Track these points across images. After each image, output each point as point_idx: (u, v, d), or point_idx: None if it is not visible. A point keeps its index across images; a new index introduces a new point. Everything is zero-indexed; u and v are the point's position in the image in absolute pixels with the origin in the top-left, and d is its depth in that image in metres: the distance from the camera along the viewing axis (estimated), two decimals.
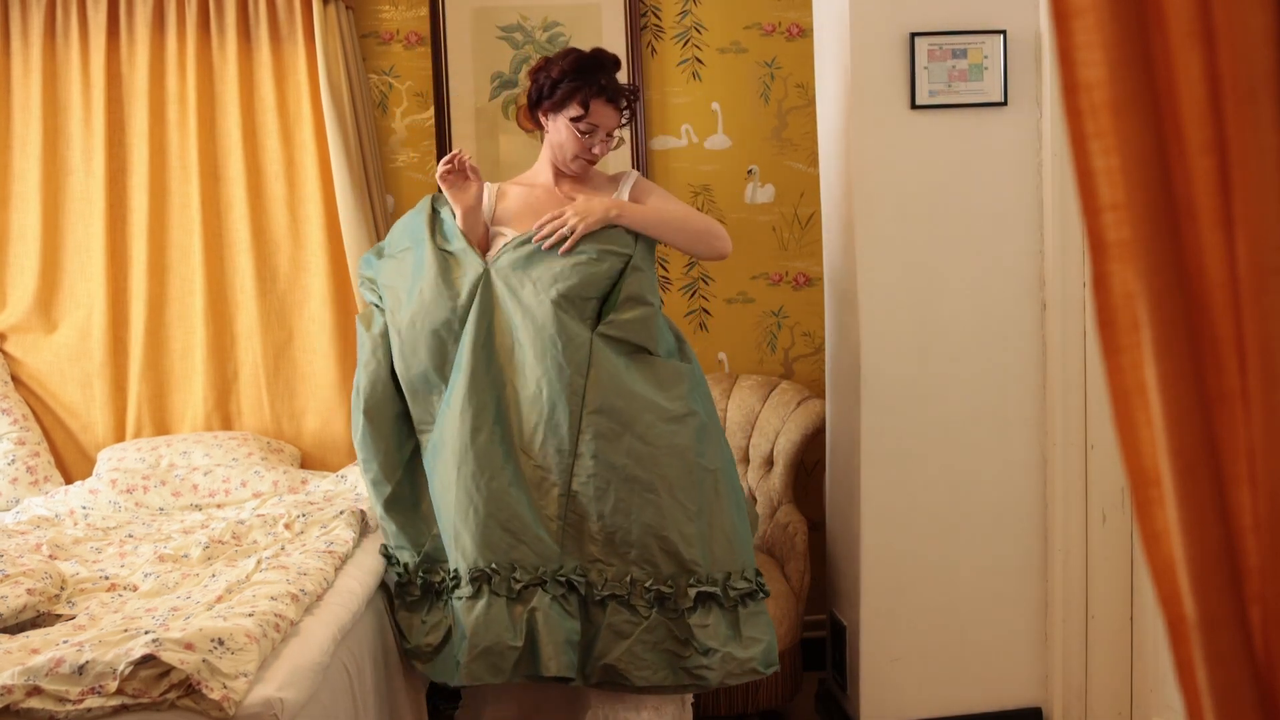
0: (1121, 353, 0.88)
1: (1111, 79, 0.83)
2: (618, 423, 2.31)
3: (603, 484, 2.30)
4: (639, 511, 2.29)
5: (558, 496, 2.32)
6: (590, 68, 2.45)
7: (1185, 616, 0.88)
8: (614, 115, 2.48)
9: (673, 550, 2.29)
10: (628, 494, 2.29)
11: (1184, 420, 0.84)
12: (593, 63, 2.46)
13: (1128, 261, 0.85)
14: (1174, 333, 0.84)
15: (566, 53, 2.50)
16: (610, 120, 2.47)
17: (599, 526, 2.31)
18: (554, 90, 2.45)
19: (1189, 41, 0.81)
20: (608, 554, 2.31)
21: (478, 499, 2.30)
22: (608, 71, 2.47)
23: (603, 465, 2.29)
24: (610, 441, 2.30)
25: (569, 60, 2.46)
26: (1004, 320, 2.68)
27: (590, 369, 2.32)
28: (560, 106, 2.46)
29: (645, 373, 2.38)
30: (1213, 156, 0.82)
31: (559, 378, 2.31)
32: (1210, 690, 0.87)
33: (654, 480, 2.30)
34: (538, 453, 2.33)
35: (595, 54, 2.48)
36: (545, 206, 2.50)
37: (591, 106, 2.44)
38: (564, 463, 2.32)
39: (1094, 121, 0.85)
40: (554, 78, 2.45)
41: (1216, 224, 0.83)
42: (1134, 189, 0.83)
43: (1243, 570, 0.86)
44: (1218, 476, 0.85)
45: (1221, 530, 0.85)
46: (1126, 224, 0.84)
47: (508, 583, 2.27)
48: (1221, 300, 0.84)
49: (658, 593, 2.28)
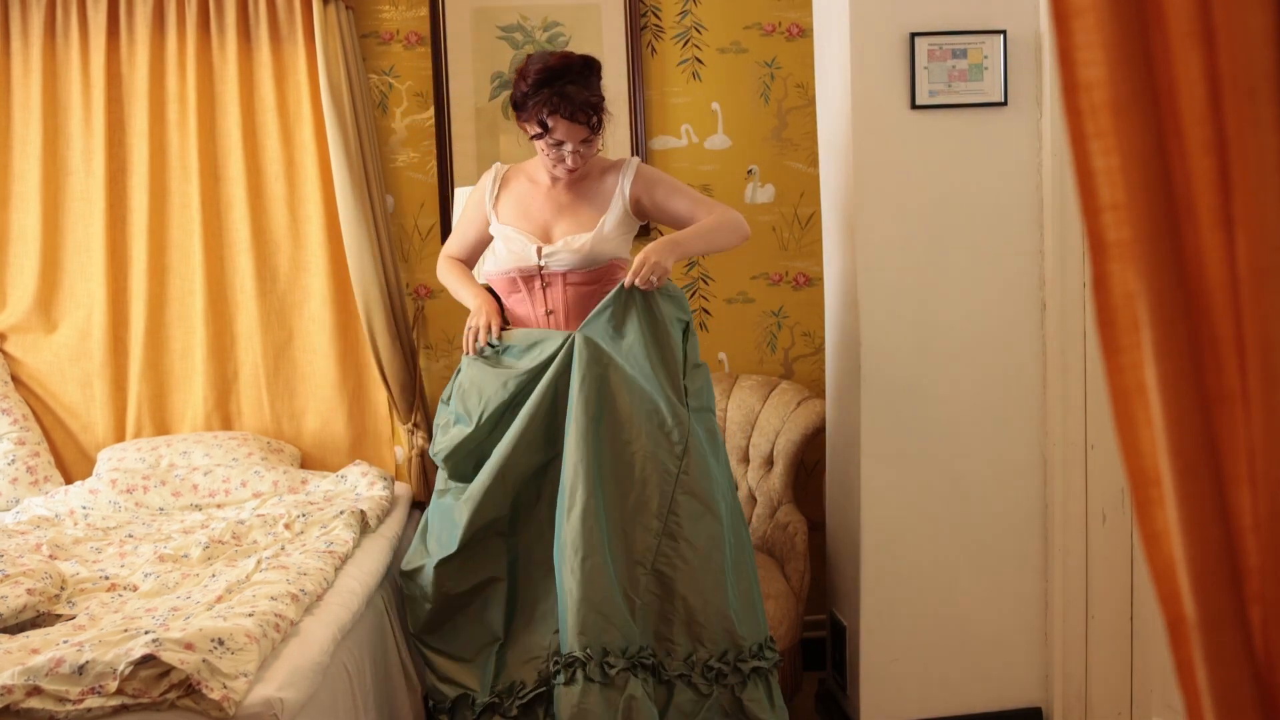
0: (1121, 353, 0.88)
1: (1111, 79, 0.83)
2: (702, 503, 2.31)
3: (688, 566, 2.29)
4: (711, 592, 2.30)
5: (641, 575, 2.29)
6: (548, 80, 2.32)
7: (1185, 616, 0.88)
8: (577, 130, 2.34)
9: (730, 628, 2.31)
10: (704, 574, 2.29)
11: (1184, 420, 0.84)
12: (554, 74, 2.33)
13: (1128, 261, 0.85)
14: (1174, 333, 0.84)
15: (537, 59, 2.37)
16: (574, 135, 2.35)
17: (682, 608, 2.29)
18: (522, 103, 2.37)
19: (1189, 41, 0.81)
20: (680, 634, 2.29)
21: (573, 580, 2.23)
22: (569, 82, 2.32)
23: (689, 547, 2.29)
24: (696, 522, 2.30)
25: (533, 70, 2.34)
26: (1004, 320, 2.68)
27: (687, 451, 2.31)
28: (528, 121, 2.39)
29: (712, 444, 2.39)
30: (1213, 156, 0.82)
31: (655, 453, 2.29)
32: (1210, 690, 0.87)
33: (724, 560, 2.33)
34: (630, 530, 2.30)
35: (559, 63, 2.34)
36: (539, 210, 2.47)
37: (550, 123, 2.33)
38: (651, 542, 2.29)
39: (1094, 121, 0.85)
40: (523, 90, 2.36)
41: (1216, 224, 0.83)
42: (1134, 189, 0.83)
43: (1243, 570, 0.86)
44: (1218, 476, 0.85)
45: (1221, 530, 0.85)
46: (1126, 224, 0.84)
47: (601, 667, 2.21)
48: (1221, 300, 0.84)
49: (718, 671, 2.29)
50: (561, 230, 2.45)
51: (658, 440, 2.29)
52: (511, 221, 2.48)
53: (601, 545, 2.23)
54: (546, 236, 2.45)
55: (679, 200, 2.49)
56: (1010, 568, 2.72)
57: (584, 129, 2.35)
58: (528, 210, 2.48)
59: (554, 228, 2.46)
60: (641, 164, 2.52)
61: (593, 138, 2.38)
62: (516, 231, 2.45)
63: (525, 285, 2.44)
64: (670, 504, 2.28)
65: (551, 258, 2.40)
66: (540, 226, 2.46)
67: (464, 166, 3.29)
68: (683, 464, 2.29)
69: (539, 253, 2.41)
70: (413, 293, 3.34)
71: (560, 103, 2.30)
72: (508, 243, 2.45)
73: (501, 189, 2.52)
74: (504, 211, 2.51)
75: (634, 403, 2.30)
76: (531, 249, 2.42)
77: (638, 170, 2.49)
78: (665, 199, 2.48)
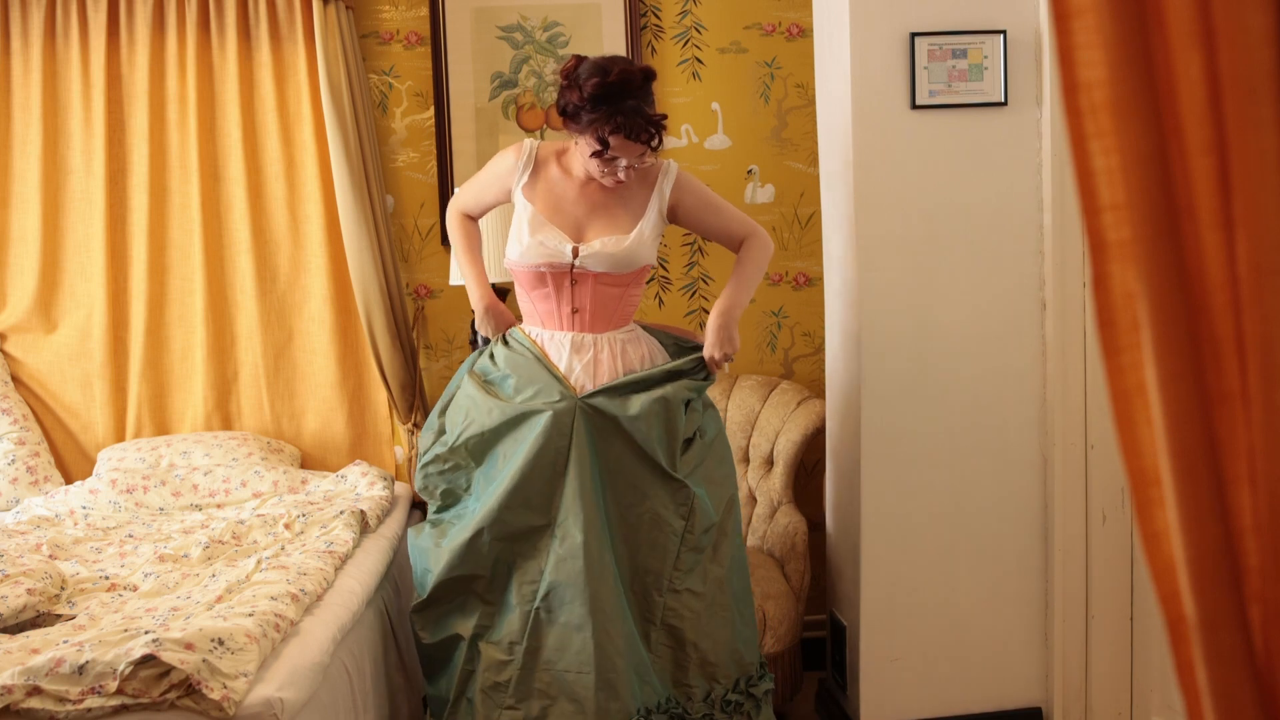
0: (1121, 353, 0.88)
1: (1111, 79, 0.83)
2: (708, 554, 2.34)
3: (694, 614, 2.32)
4: (720, 630, 2.33)
5: (652, 631, 2.31)
6: (612, 97, 2.20)
7: (1185, 616, 0.88)
8: (635, 148, 2.26)
9: (739, 658, 2.36)
10: (709, 618, 2.32)
11: (1184, 420, 0.84)
12: (615, 90, 2.20)
13: (1128, 261, 0.85)
14: (1174, 333, 0.84)
15: (593, 69, 2.24)
16: (632, 152, 2.26)
17: (694, 654, 2.31)
18: (576, 115, 2.25)
19: (1189, 41, 0.81)
20: (696, 677, 2.32)
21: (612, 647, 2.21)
22: (631, 98, 2.21)
23: (693, 596, 2.31)
24: (699, 571, 2.32)
25: (592, 85, 2.20)
26: (1004, 320, 2.68)
27: (693, 512, 2.32)
28: (582, 133, 2.27)
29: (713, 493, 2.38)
30: (1213, 156, 0.82)
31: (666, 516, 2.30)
32: (1210, 690, 0.87)
33: (728, 600, 2.36)
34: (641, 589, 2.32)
35: (621, 78, 2.21)
36: (572, 205, 2.38)
37: (611, 142, 2.23)
38: (658, 600, 2.31)
39: (1094, 121, 0.85)
40: (576, 102, 2.24)
41: (1216, 224, 0.83)
42: (1134, 189, 0.83)
43: (1243, 570, 0.86)
44: (1218, 476, 0.85)
45: (1221, 530, 0.85)
46: (1126, 224, 0.84)
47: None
48: (1221, 300, 0.84)
49: (735, 702, 2.33)
50: (596, 230, 2.37)
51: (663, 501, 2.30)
52: (544, 212, 2.37)
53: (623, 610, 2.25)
54: (579, 234, 2.36)
55: (713, 215, 2.46)
56: (1010, 568, 2.72)
57: (643, 147, 2.27)
58: (560, 204, 2.38)
59: (587, 226, 2.37)
60: (681, 171, 2.45)
61: (651, 151, 2.30)
62: (548, 225, 2.36)
63: (554, 282, 2.36)
64: (675, 561, 2.30)
65: (587, 259, 2.33)
66: (573, 223, 2.37)
67: (464, 166, 3.29)
68: (689, 523, 2.31)
69: (575, 253, 2.33)
70: (413, 293, 3.34)
71: (623, 123, 2.20)
72: (537, 232, 2.34)
73: (535, 171, 2.40)
74: (536, 197, 2.39)
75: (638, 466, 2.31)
76: (567, 248, 2.33)
77: (678, 178, 2.43)
78: (701, 211, 2.45)
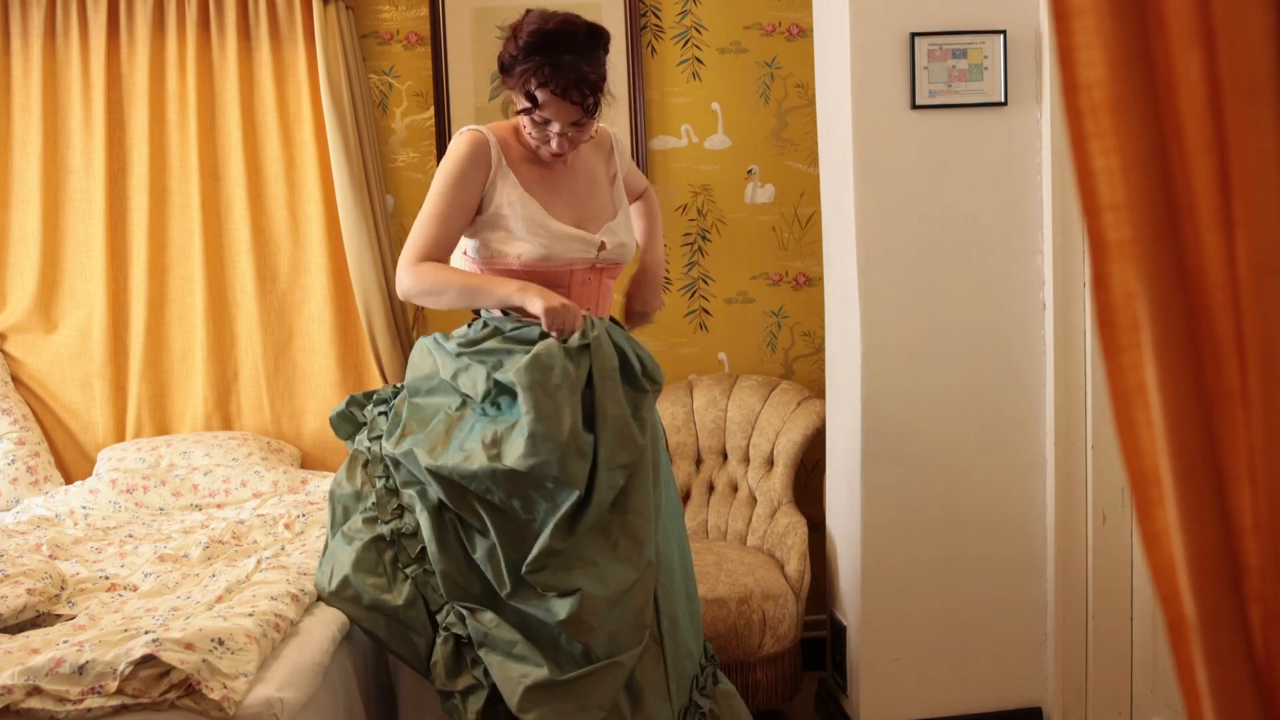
0: (1121, 353, 0.88)
1: (1111, 79, 0.83)
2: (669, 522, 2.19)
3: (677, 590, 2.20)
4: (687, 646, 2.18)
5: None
6: (546, 47, 1.96)
7: (1185, 616, 0.88)
8: (568, 110, 1.99)
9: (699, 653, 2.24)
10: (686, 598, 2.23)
11: (1184, 420, 0.84)
12: (550, 40, 1.96)
13: (1128, 261, 0.85)
14: (1174, 333, 0.84)
15: (534, 18, 2.01)
16: (564, 115, 2.00)
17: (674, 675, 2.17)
18: (509, 66, 2.02)
19: (1189, 41, 0.81)
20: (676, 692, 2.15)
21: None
22: (567, 51, 1.97)
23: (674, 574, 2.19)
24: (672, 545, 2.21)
25: (527, 30, 1.98)
26: (1004, 320, 2.68)
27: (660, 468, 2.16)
28: (513, 88, 2.03)
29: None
30: (1213, 156, 0.82)
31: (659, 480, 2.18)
32: (1210, 690, 0.87)
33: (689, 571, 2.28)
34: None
35: (559, 27, 1.98)
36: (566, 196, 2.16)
37: (539, 97, 1.98)
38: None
39: (1094, 121, 0.85)
40: (511, 52, 2.01)
41: (1216, 224, 0.83)
42: (1134, 189, 0.83)
43: (1243, 570, 0.86)
44: (1218, 476, 0.85)
45: (1221, 530, 0.85)
46: (1126, 224, 0.84)
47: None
48: (1221, 300, 0.84)
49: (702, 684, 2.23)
50: (590, 220, 2.17)
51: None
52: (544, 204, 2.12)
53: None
54: (576, 223, 2.15)
55: (631, 170, 2.36)
56: (1010, 568, 2.72)
57: (576, 109, 1.99)
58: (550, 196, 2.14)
59: (585, 217, 2.17)
60: (617, 138, 2.30)
61: (586, 121, 2.03)
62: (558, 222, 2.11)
63: (575, 279, 2.13)
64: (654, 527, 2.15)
65: (610, 251, 2.15)
66: (574, 216, 2.15)
67: None
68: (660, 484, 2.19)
69: (601, 246, 2.14)
70: None
71: (552, 74, 1.95)
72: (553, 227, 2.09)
73: (508, 162, 2.12)
74: (532, 189, 2.12)
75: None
76: (593, 245, 2.12)
77: (623, 150, 2.28)
78: (631, 175, 2.36)
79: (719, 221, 3.39)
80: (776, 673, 2.80)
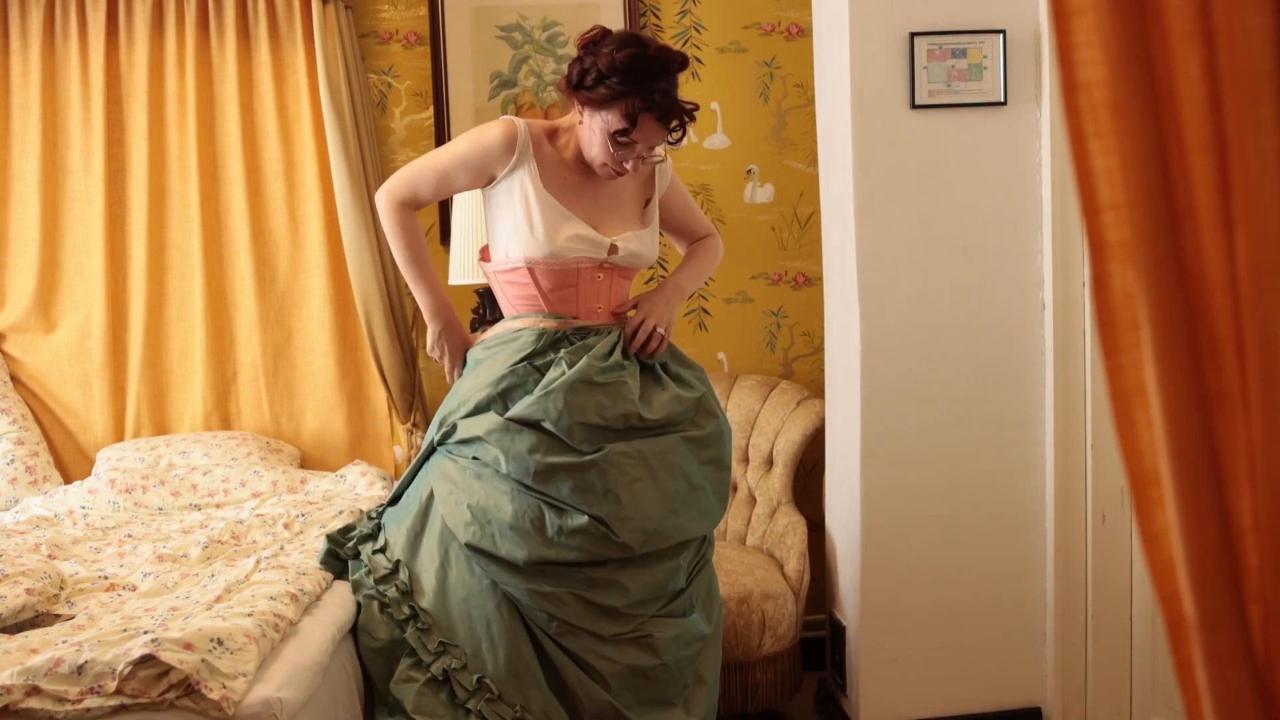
0: (1121, 353, 0.88)
1: (1111, 79, 0.83)
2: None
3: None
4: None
5: None
6: (648, 74, 2.00)
7: (1185, 616, 0.88)
8: (660, 134, 2.07)
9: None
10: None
11: (1184, 420, 0.84)
12: (653, 67, 2.01)
13: (1128, 261, 0.85)
14: (1174, 333, 0.84)
15: (627, 40, 2.03)
16: (652, 138, 2.07)
17: None
18: (597, 84, 2.02)
19: (1189, 41, 0.81)
20: None
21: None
22: (668, 79, 2.03)
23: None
24: None
25: (625, 55, 2.00)
26: (1004, 320, 2.68)
27: None
28: (600, 107, 2.04)
29: None
30: (1213, 156, 0.82)
31: None
32: (1210, 690, 0.87)
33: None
34: None
35: (658, 55, 2.03)
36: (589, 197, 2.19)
37: (639, 121, 2.03)
38: None
39: (1094, 121, 0.85)
40: (601, 70, 2.01)
41: (1216, 224, 0.83)
42: (1133, 188, 0.83)
43: (1243, 570, 0.86)
44: (1218, 476, 0.85)
45: (1221, 530, 0.85)
46: (1126, 224, 0.84)
47: None
48: (1221, 300, 0.84)
49: None
50: (609, 223, 2.20)
51: None
52: (563, 202, 2.15)
53: None
54: (595, 227, 2.18)
55: (691, 213, 2.38)
56: (1010, 567, 2.72)
57: (664, 135, 2.08)
58: (571, 193, 2.18)
59: (603, 221, 2.19)
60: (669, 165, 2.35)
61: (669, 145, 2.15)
62: (573, 217, 2.14)
63: (583, 277, 2.17)
64: None
65: (621, 256, 2.18)
66: (592, 217, 2.18)
67: None
68: None
69: (612, 249, 2.17)
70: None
71: (660, 102, 2.01)
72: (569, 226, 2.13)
73: (536, 155, 2.15)
74: (551, 185, 2.15)
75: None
76: (604, 246, 2.16)
77: (673, 176, 2.34)
78: (683, 210, 2.37)
79: (718, 221, 3.39)
80: (776, 672, 2.80)
